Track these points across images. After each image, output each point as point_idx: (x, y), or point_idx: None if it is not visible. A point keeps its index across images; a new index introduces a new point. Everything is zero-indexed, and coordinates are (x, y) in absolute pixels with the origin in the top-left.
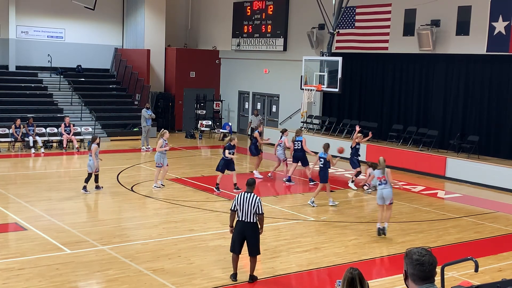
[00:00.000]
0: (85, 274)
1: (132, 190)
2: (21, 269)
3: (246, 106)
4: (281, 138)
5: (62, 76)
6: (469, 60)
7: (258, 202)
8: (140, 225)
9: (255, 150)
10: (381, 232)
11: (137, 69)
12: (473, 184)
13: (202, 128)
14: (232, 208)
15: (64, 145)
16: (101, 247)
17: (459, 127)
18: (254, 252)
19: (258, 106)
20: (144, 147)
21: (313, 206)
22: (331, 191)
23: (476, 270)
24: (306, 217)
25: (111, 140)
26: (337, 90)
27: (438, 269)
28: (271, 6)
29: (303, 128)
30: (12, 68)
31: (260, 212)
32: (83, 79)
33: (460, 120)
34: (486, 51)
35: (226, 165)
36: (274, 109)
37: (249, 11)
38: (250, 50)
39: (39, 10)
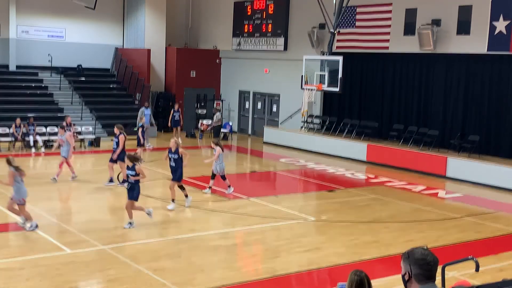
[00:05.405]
0: (85, 274)
1: None
2: (21, 269)
3: (247, 106)
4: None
5: (62, 76)
6: (470, 59)
7: None
8: (140, 225)
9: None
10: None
11: (137, 68)
12: (474, 184)
13: (202, 128)
14: None
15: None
16: (101, 247)
17: (460, 126)
18: None
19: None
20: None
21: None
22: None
23: (477, 270)
24: (306, 217)
25: (111, 140)
26: (337, 89)
27: (438, 269)
28: (272, 5)
29: (302, 128)
30: (12, 68)
31: None
32: (83, 79)
33: (460, 119)
34: (487, 51)
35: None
36: (274, 109)
37: (250, 10)
38: (250, 49)
39: (39, 9)
